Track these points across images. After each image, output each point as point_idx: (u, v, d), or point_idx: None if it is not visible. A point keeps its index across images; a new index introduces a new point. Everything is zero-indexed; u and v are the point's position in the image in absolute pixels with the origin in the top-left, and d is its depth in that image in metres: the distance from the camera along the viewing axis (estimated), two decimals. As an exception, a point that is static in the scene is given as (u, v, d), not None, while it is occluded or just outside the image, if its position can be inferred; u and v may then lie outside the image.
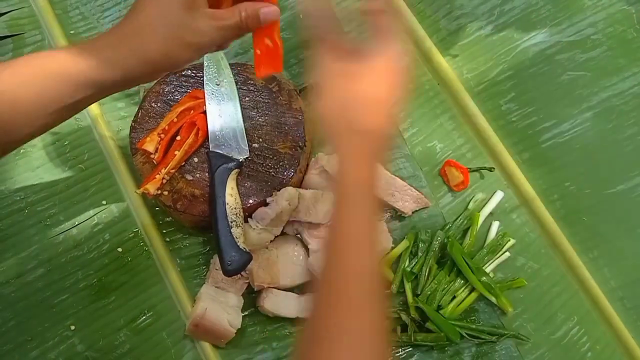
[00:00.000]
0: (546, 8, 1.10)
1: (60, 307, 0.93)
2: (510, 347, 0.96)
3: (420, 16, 1.10)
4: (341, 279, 0.59)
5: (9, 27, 1.04)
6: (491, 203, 1.02)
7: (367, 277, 0.60)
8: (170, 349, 0.93)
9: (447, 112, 1.07)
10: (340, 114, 0.65)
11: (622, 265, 1.02)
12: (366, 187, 0.63)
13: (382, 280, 0.64)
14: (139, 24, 0.62)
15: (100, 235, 0.96)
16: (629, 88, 1.07)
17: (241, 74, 0.97)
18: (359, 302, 0.58)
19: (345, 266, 0.60)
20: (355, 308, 0.58)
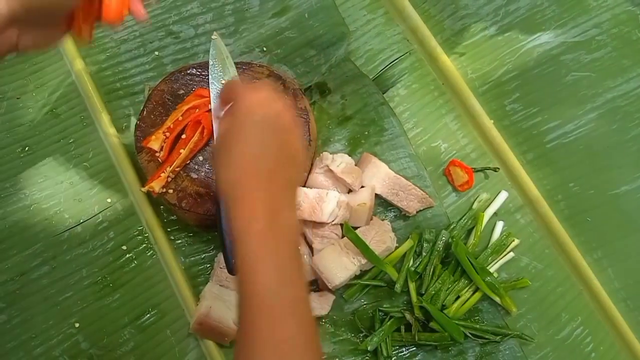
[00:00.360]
0: (551, 9, 1.10)
1: (65, 305, 0.93)
2: (514, 347, 0.96)
3: (425, 16, 1.10)
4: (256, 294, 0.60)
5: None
6: (495, 203, 1.02)
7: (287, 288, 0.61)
8: (174, 347, 0.93)
9: (452, 112, 1.07)
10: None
11: (626, 266, 1.02)
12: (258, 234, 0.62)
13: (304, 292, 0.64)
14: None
15: (104, 233, 0.96)
16: (634, 89, 1.07)
17: (246, 73, 0.97)
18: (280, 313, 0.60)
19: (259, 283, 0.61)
20: (277, 319, 0.59)
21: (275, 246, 0.62)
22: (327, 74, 1.05)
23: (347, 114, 1.04)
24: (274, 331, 0.59)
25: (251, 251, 0.62)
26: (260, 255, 0.61)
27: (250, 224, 0.62)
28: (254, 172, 0.65)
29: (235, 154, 0.66)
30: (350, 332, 0.95)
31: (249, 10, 1.07)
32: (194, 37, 1.06)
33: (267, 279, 0.61)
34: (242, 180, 0.65)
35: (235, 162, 0.66)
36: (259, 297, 0.60)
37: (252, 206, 0.63)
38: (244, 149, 0.66)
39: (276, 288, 0.61)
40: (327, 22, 1.07)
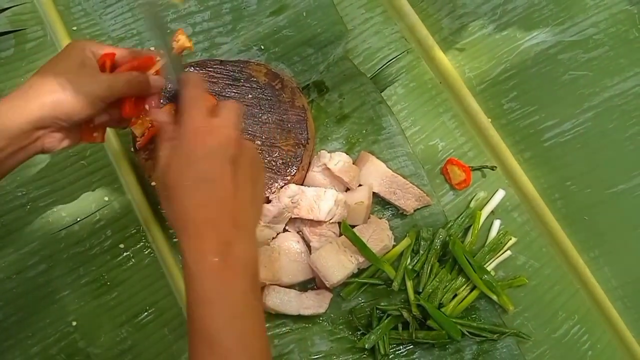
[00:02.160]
0: (548, 8, 1.10)
1: (62, 303, 0.93)
2: (511, 345, 0.96)
3: (423, 15, 1.11)
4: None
5: (11, 23, 1.03)
6: (493, 201, 1.02)
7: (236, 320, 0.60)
8: (171, 345, 0.93)
9: (449, 111, 1.08)
10: None
11: (623, 264, 1.03)
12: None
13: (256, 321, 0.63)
14: (47, 87, 0.70)
15: (102, 231, 0.96)
16: (631, 88, 1.07)
17: (244, 71, 0.97)
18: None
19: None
20: (227, 355, 0.59)
21: (228, 281, 0.61)
22: (324, 73, 1.05)
23: (344, 112, 1.04)
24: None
25: (202, 287, 0.60)
26: (211, 291, 0.60)
27: (202, 259, 0.60)
28: (204, 204, 0.62)
29: (182, 185, 0.63)
30: (347, 330, 0.95)
31: (246, 8, 1.07)
32: (192, 35, 1.05)
33: (218, 316, 0.59)
34: (190, 213, 0.62)
35: (183, 194, 0.63)
36: (209, 332, 0.59)
37: (202, 241, 0.61)
38: (191, 179, 0.63)
39: (227, 323, 0.59)
40: (325, 21, 1.07)
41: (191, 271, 0.60)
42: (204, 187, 0.62)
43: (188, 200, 0.62)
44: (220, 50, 1.05)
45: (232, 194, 0.63)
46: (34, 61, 1.02)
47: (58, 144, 0.75)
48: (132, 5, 1.07)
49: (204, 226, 0.61)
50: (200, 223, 0.61)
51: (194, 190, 0.62)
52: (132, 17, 1.06)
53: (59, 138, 0.75)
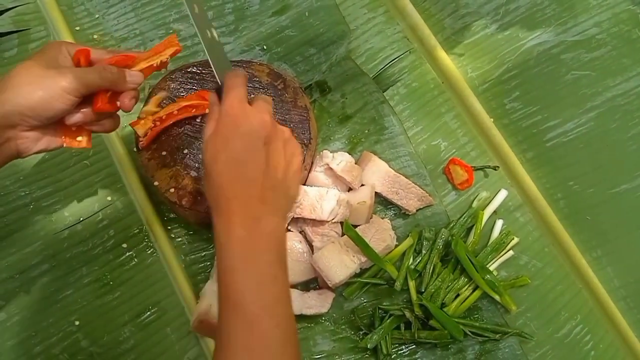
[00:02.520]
0: (551, 7, 1.10)
1: (65, 303, 0.93)
2: (514, 345, 0.96)
3: (426, 15, 1.11)
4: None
5: (14, 23, 1.04)
6: (495, 201, 1.02)
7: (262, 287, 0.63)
8: (174, 344, 0.93)
9: (452, 111, 1.08)
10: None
11: (625, 264, 1.02)
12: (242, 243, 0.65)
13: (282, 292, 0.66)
14: (12, 81, 0.69)
15: (105, 231, 0.96)
16: (634, 88, 1.07)
17: (246, 71, 0.97)
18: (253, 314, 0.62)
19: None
20: (253, 321, 0.62)
21: (254, 252, 0.64)
22: (327, 73, 1.05)
23: (347, 112, 1.04)
24: (249, 332, 0.61)
25: (230, 257, 0.64)
26: (238, 261, 0.64)
27: (230, 231, 0.64)
28: (235, 181, 0.66)
29: (218, 162, 0.67)
30: (350, 329, 0.95)
31: (249, 8, 1.07)
32: (194, 35, 1.06)
33: (244, 283, 0.63)
34: (223, 189, 0.66)
35: (218, 170, 0.67)
36: (236, 298, 0.62)
37: (231, 215, 0.65)
38: (226, 157, 0.67)
39: (253, 292, 0.63)
40: (327, 21, 1.07)
41: (221, 242, 0.65)
42: (236, 166, 0.67)
43: (222, 176, 0.67)
44: (222, 50, 1.05)
45: (263, 173, 0.67)
46: (37, 61, 1.03)
47: (32, 145, 0.73)
48: (135, 6, 1.07)
49: (234, 201, 0.66)
50: (231, 198, 0.66)
51: (228, 167, 0.67)
52: (134, 17, 1.06)
53: (32, 139, 0.73)
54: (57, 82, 0.69)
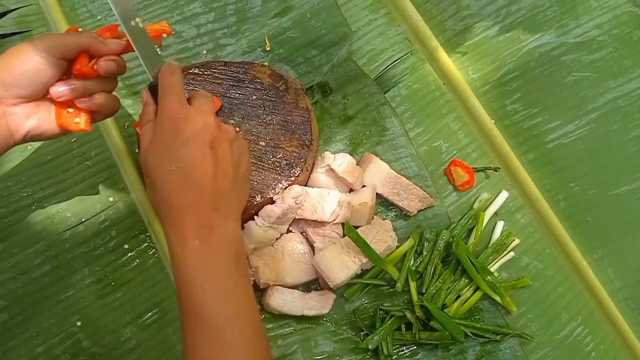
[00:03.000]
0: (552, 9, 1.11)
1: (67, 303, 0.93)
2: (515, 346, 0.96)
3: (427, 16, 1.11)
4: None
5: (17, 24, 1.04)
6: (496, 203, 1.02)
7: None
8: (175, 345, 0.93)
9: (453, 112, 1.08)
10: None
11: (626, 265, 1.03)
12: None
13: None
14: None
15: (107, 231, 0.96)
16: (635, 89, 1.07)
17: (248, 73, 0.98)
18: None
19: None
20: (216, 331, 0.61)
21: (211, 263, 0.63)
22: (328, 74, 1.05)
23: (348, 113, 1.04)
24: (213, 345, 0.60)
25: (186, 270, 0.62)
26: (195, 273, 0.62)
27: (184, 243, 0.63)
28: (183, 190, 0.64)
29: (162, 171, 0.65)
30: (351, 330, 0.95)
31: (250, 10, 1.07)
32: (196, 36, 1.06)
33: (203, 296, 0.61)
34: (171, 199, 0.64)
35: (164, 180, 0.64)
36: (197, 313, 0.61)
37: (183, 226, 0.63)
38: (170, 166, 0.64)
39: (213, 303, 0.61)
40: (329, 22, 1.07)
41: (175, 255, 0.63)
42: (183, 174, 0.64)
43: (168, 185, 0.64)
44: (224, 51, 1.05)
45: (212, 179, 0.65)
46: (39, 62, 1.03)
47: (23, 121, 0.70)
48: (138, 7, 1.07)
49: (185, 212, 0.63)
50: (181, 208, 0.63)
51: (173, 176, 0.64)
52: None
53: (21, 114, 0.69)
54: (34, 44, 0.67)
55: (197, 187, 0.64)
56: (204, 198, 0.64)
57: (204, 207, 0.64)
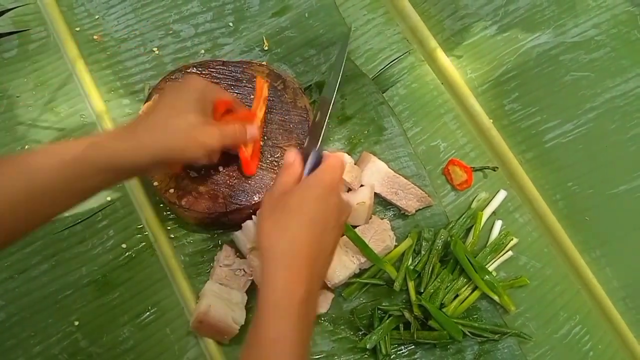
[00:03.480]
0: (550, 9, 1.11)
1: (65, 303, 0.93)
2: (513, 345, 0.96)
3: (425, 16, 1.11)
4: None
5: (14, 23, 1.04)
6: (494, 202, 1.02)
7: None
8: (173, 345, 0.93)
9: (451, 112, 1.08)
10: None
11: (624, 265, 1.03)
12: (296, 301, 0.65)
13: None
14: (163, 121, 0.74)
15: (104, 231, 0.96)
16: (633, 89, 1.08)
17: (246, 72, 0.97)
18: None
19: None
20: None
21: (307, 321, 0.65)
22: (326, 74, 1.05)
23: (346, 113, 1.04)
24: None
25: (287, 322, 0.63)
26: (294, 329, 0.63)
27: (295, 293, 0.64)
28: (312, 247, 0.67)
29: (301, 220, 0.68)
30: (349, 330, 0.95)
31: (249, 9, 1.07)
32: (194, 36, 1.06)
33: (289, 354, 0.62)
34: (298, 248, 0.67)
35: (297, 228, 0.67)
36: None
37: (301, 275, 0.65)
38: (311, 221, 0.68)
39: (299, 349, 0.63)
40: (327, 22, 1.07)
41: (278, 301, 0.64)
42: (315, 227, 0.68)
43: (300, 231, 0.67)
44: (222, 50, 1.05)
45: (331, 251, 0.71)
46: (37, 62, 1.03)
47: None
48: (135, 7, 1.07)
49: (306, 261, 0.66)
50: (304, 258, 0.66)
51: (309, 225, 0.68)
52: (135, 18, 1.06)
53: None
54: (208, 143, 0.76)
55: (321, 248, 0.69)
56: (321, 260, 0.69)
57: (319, 267, 0.69)
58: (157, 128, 0.73)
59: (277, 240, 0.68)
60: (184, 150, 0.74)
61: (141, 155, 0.72)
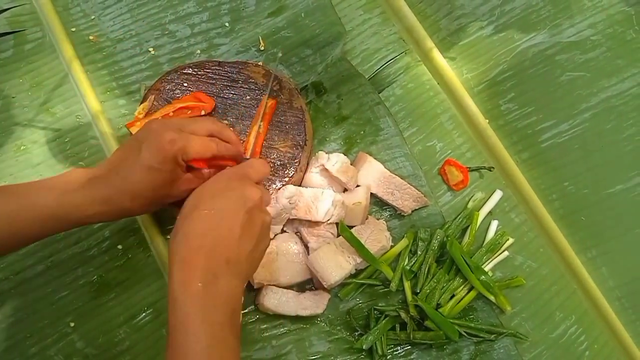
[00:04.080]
0: (546, 9, 1.11)
1: (60, 304, 0.93)
2: (509, 345, 0.96)
3: (421, 16, 1.11)
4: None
5: (10, 24, 1.04)
6: (490, 202, 1.02)
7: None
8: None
9: (447, 112, 1.08)
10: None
11: (620, 264, 1.03)
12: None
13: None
14: (127, 185, 0.75)
15: (100, 232, 0.96)
16: (628, 89, 1.08)
17: (242, 73, 0.97)
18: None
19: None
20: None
21: (208, 310, 0.64)
22: (323, 74, 1.05)
23: (343, 113, 1.04)
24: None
25: (183, 312, 0.63)
26: (192, 317, 0.62)
27: (188, 284, 0.64)
28: (205, 233, 0.67)
29: (195, 212, 0.68)
30: (345, 330, 0.95)
31: (245, 9, 1.07)
32: (190, 36, 1.06)
33: (194, 344, 0.62)
34: (190, 239, 0.66)
35: (191, 221, 0.68)
36: (183, 356, 0.61)
37: (192, 267, 0.65)
38: (208, 207, 0.68)
39: (202, 351, 0.62)
40: (323, 22, 1.07)
41: (174, 294, 0.64)
42: (211, 219, 0.68)
43: (193, 225, 0.67)
44: (219, 51, 1.05)
45: (236, 237, 0.68)
46: (32, 62, 1.03)
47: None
48: (131, 7, 1.07)
49: (198, 252, 0.66)
50: (196, 249, 0.66)
51: (202, 218, 0.68)
52: (130, 18, 1.06)
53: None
54: (173, 195, 0.79)
55: (218, 236, 0.67)
56: (221, 248, 0.67)
57: (218, 256, 0.66)
58: (122, 193, 0.75)
59: (174, 238, 0.68)
60: (147, 209, 0.80)
61: (105, 205, 0.75)
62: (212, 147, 0.80)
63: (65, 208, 0.73)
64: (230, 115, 0.96)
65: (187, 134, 0.78)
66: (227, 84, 0.97)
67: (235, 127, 0.95)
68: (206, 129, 0.81)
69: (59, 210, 0.73)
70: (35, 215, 0.72)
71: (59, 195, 0.73)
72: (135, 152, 0.75)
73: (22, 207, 0.71)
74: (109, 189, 0.75)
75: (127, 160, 0.76)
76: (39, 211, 0.72)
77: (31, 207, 0.72)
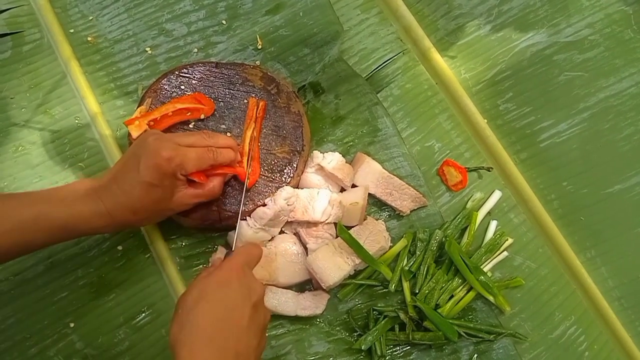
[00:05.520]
0: (544, 9, 1.11)
1: (60, 305, 0.93)
2: (508, 346, 0.96)
3: (419, 16, 1.11)
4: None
5: (8, 25, 1.04)
6: (489, 202, 1.02)
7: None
8: (169, 346, 0.93)
9: (445, 112, 1.08)
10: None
11: (619, 264, 1.03)
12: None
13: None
14: (129, 201, 0.78)
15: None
16: (626, 88, 1.08)
17: (239, 75, 0.97)
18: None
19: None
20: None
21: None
22: (320, 74, 1.05)
23: (340, 113, 1.04)
24: None
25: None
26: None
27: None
28: (214, 323, 0.68)
29: (206, 299, 0.69)
30: (344, 331, 0.95)
31: (242, 7, 1.07)
32: (187, 34, 1.05)
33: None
34: (200, 325, 0.67)
35: (202, 309, 0.68)
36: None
37: (198, 355, 0.65)
38: (217, 299, 0.69)
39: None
40: (321, 21, 1.07)
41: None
42: (220, 310, 0.68)
43: (202, 317, 0.68)
44: (215, 49, 1.05)
45: (245, 330, 0.69)
46: (31, 63, 1.03)
47: None
48: (129, 7, 1.07)
49: (208, 346, 0.66)
50: (206, 342, 0.66)
51: (211, 309, 0.68)
52: (128, 19, 1.06)
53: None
54: (174, 210, 0.85)
55: (228, 327, 0.68)
56: (232, 342, 0.68)
57: (229, 348, 0.67)
58: (125, 208, 0.78)
59: (180, 329, 0.68)
60: (148, 221, 0.85)
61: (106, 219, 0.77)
62: (209, 158, 0.82)
63: (75, 219, 0.75)
64: (228, 119, 0.95)
65: (183, 148, 0.79)
66: (225, 88, 0.97)
67: (232, 131, 0.95)
68: (202, 142, 0.83)
69: (69, 222, 0.75)
70: (47, 226, 0.74)
71: (69, 207, 0.75)
72: (134, 168, 0.77)
73: (36, 218, 0.73)
74: (113, 202, 0.77)
75: (128, 174, 0.78)
76: (51, 222, 0.74)
77: (44, 218, 0.74)
